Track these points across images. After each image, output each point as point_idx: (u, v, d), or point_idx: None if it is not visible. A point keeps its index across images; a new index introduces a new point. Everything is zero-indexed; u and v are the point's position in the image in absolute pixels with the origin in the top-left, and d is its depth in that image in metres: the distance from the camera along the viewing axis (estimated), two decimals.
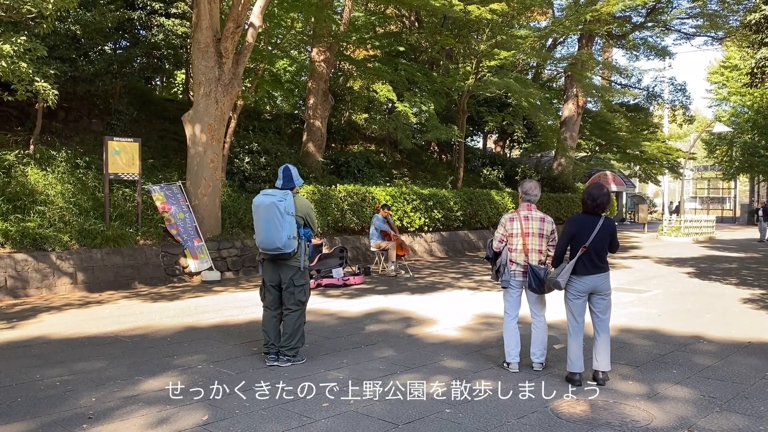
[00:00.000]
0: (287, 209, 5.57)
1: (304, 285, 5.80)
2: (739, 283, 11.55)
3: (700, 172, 48.87)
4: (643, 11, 26.23)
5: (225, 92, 12.25)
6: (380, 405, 4.66)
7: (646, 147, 30.42)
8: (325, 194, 14.41)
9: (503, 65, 20.32)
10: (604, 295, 5.23)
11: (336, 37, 17.66)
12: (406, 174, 21.63)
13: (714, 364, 5.86)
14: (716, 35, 27.51)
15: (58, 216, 10.79)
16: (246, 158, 15.12)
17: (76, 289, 10.11)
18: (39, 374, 5.44)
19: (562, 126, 26.73)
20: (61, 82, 11.83)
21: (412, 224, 16.44)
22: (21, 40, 8.90)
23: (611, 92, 28.87)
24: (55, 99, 9.96)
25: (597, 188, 5.22)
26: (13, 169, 11.35)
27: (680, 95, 32.51)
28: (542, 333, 5.59)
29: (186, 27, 15.08)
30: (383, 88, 20.08)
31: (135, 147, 11.67)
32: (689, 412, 4.54)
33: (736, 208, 45.50)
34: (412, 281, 11.82)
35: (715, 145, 38.02)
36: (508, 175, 25.27)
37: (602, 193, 5.20)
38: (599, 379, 5.18)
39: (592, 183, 5.36)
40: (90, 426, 4.22)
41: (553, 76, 32.37)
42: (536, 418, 4.42)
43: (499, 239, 5.62)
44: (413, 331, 7.36)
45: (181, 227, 11.86)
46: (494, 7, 16.91)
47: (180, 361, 5.89)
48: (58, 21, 11.75)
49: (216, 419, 4.35)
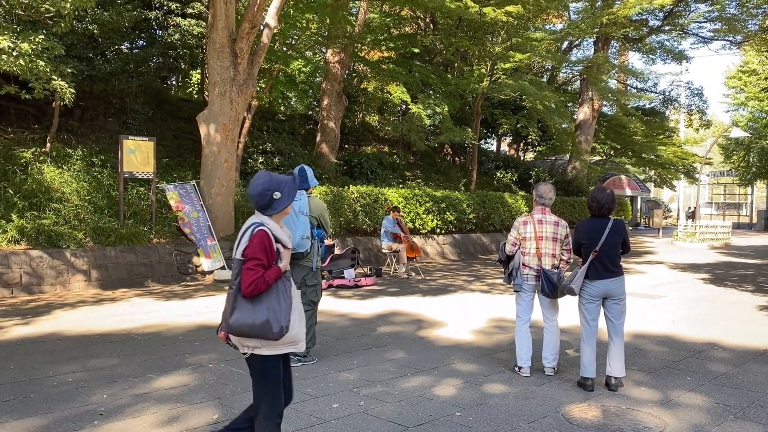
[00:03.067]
0: (301, 209, 5.58)
1: (316, 285, 5.80)
2: (756, 290, 11.40)
3: (717, 177, 48.38)
4: (660, 15, 26.00)
5: (240, 92, 12.29)
6: (390, 407, 4.64)
7: (662, 151, 30.15)
8: (338, 195, 14.43)
9: (518, 68, 20.25)
10: (618, 300, 5.19)
11: (351, 38, 17.69)
12: (419, 176, 21.60)
13: (729, 371, 5.79)
14: (734, 39, 27.21)
15: (73, 214, 10.88)
16: (260, 158, 15.18)
17: (90, 287, 10.19)
18: (52, 370, 5.48)
19: (576, 129, 26.57)
20: (78, 80, 11.94)
21: (425, 226, 16.41)
22: (39, 38, 8.99)
23: (627, 96, 28.66)
24: (71, 97, 10.05)
25: (600, 191, 5.19)
26: (30, 167, 11.48)
27: (697, 99, 32.22)
28: (554, 337, 5.54)
29: (202, 27, 15.17)
30: (397, 89, 20.08)
31: (150, 146, 11.75)
32: (703, 419, 4.48)
33: (753, 214, 44.95)
34: (424, 283, 11.79)
35: (732, 150, 37.60)
36: (521, 178, 25.17)
37: (606, 195, 5.17)
38: (612, 385, 5.13)
39: (596, 187, 5.32)
40: (101, 423, 4.25)
41: (569, 79, 32.21)
42: (547, 423, 4.38)
43: (512, 242, 5.58)
44: (424, 333, 7.34)
45: (194, 226, 11.91)
46: (510, 9, 16.86)
47: (192, 360, 5.91)
48: (76, 20, 11.87)
49: (226, 418, 4.35)
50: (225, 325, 3.12)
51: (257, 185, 3.20)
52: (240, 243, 3.16)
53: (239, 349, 3.21)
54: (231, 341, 3.21)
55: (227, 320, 3.11)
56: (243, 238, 3.15)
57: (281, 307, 3.13)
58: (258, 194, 3.19)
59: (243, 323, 3.07)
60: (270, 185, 3.20)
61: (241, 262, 3.10)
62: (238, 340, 3.15)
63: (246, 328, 3.07)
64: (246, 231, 3.17)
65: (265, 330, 3.06)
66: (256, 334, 3.07)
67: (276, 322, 3.07)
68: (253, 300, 3.08)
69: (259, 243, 3.10)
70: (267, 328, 3.06)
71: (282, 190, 3.21)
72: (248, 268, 3.06)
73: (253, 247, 3.10)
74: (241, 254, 3.12)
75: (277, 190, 3.20)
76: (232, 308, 3.10)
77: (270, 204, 3.20)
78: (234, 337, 3.15)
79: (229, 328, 3.10)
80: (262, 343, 3.12)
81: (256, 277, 3.05)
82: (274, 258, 3.16)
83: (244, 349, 3.17)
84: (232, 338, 3.18)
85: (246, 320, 3.06)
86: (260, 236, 3.12)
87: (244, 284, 3.05)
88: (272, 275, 3.11)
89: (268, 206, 3.21)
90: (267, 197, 3.18)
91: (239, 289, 3.08)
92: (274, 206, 3.21)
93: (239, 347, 3.19)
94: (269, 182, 3.20)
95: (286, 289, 3.21)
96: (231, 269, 3.43)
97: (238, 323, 3.07)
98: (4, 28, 8.70)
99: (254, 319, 3.06)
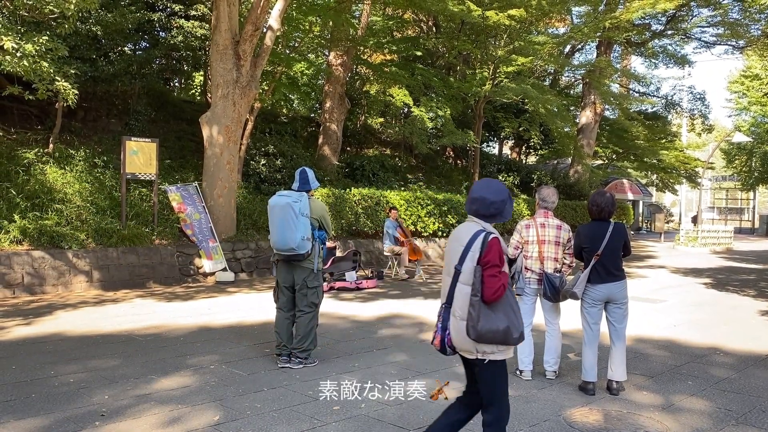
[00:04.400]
0: (302, 210, 5.58)
1: (317, 287, 5.80)
2: (758, 295, 11.38)
3: (719, 182, 48.32)
4: (662, 19, 26.03)
5: (242, 94, 12.31)
6: (392, 409, 4.64)
7: (664, 156, 30.13)
8: (340, 197, 14.43)
9: (520, 71, 20.24)
10: (620, 304, 5.18)
11: (353, 41, 17.71)
12: (421, 179, 21.60)
13: (731, 376, 5.78)
14: (737, 44, 27.22)
15: (76, 214, 10.90)
16: (262, 160, 15.20)
17: (92, 287, 10.20)
18: (53, 371, 5.49)
19: (579, 133, 26.56)
20: (81, 81, 11.97)
21: (426, 229, 16.40)
22: (43, 39, 9.01)
23: (629, 100, 28.64)
24: (75, 98, 10.07)
25: (600, 195, 5.20)
26: (33, 168, 11.50)
27: (699, 104, 32.20)
28: (556, 341, 5.54)
29: (205, 29, 15.20)
30: (399, 92, 20.09)
31: (152, 147, 11.76)
32: (704, 424, 4.48)
33: (755, 219, 44.89)
34: (425, 286, 11.79)
35: (734, 155, 37.57)
36: (523, 182, 25.15)
37: (606, 199, 5.17)
38: (613, 389, 5.12)
39: (596, 191, 5.32)
40: (103, 423, 4.25)
41: (571, 83, 32.21)
42: (549, 426, 4.38)
43: (514, 246, 5.58)
44: (426, 336, 7.33)
45: (196, 228, 11.92)
46: (512, 13, 16.87)
47: (193, 361, 5.92)
48: (80, 21, 11.90)
49: (227, 420, 4.36)
50: (472, 330, 3.13)
51: (501, 191, 3.30)
52: (468, 251, 3.21)
53: (469, 356, 3.25)
54: (450, 349, 3.28)
55: (474, 327, 3.13)
56: (471, 246, 3.21)
57: (515, 314, 3.23)
58: (501, 201, 3.28)
59: (489, 329, 3.13)
60: (509, 195, 3.33)
61: (481, 269, 3.16)
62: (473, 345, 3.19)
63: (491, 334, 3.14)
64: (474, 239, 3.22)
65: (507, 336, 3.16)
66: (498, 339, 3.16)
67: (515, 328, 3.19)
68: (492, 307, 3.17)
69: (498, 251, 3.20)
70: (508, 334, 3.16)
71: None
72: (491, 276, 3.15)
73: (493, 254, 3.17)
74: (477, 262, 3.18)
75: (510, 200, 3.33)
76: (477, 315, 3.14)
77: (501, 212, 3.30)
78: (466, 344, 3.21)
79: (477, 334, 3.13)
80: (499, 348, 3.21)
81: (501, 284, 3.15)
82: (503, 264, 3.25)
83: (480, 355, 3.22)
84: (457, 346, 3.26)
85: (491, 327, 3.13)
86: (497, 244, 3.21)
87: (490, 291, 3.13)
88: (506, 281, 3.22)
89: (498, 214, 3.30)
90: (505, 205, 3.29)
91: (482, 296, 3.15)
92: (504, 214, 3.32)
93: (472, 353, 3.23)
94: (508, 191, 3.34)
95: (513, 295, 3.34)
96: (232, 271, 3.42)
97: (485, 329, 3.13)
98: (9, 29, 8.71)
99: (498, 326, 3.15)
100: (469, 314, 3.15)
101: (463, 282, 3.21)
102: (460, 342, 3.23)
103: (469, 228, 3.29)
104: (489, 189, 3.29)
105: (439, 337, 3.29)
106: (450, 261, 3.31)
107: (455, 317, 3.24)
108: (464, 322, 3.17)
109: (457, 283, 3.23)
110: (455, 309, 3.24)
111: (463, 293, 3.20)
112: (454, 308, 3.25)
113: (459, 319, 3.21)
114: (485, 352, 3.20)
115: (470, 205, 3.34)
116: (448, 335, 3.27)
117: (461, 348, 3.25)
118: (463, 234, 3.28)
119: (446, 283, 3.32)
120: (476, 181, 3.61)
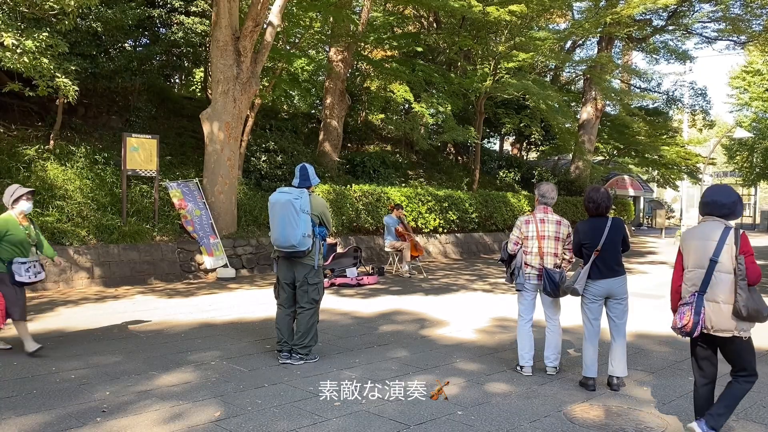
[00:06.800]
0: (303, 207, 5.58)
1: (317, 283, 5.81)
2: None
3: (720, 177, 48.22)
4: (664, 14, 25.94)
5: (243, 91, 12.30)
6: (392, 405, 4.64)
7: (665, 151, 30.06)
8: (341, 194, 14.42)
9: (521, 67, 20.20)
10: (620, 300, 5.18)
11: (354, 37, 17.68)
12: (422, 175, 21.59)
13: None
14: (738, 39, 27.12)
15: (77, 211, 10.90)
16: (262, 157, 15.19)
17: (93, 284, 10.21)
18: (55, 367, 5.50)
19: (580, 129, 26.51)
20: (82, 78, 11.95)
21: (427, 225, 16.40)
22: (43, 36, 9.00)
23: (630, 96, 28.56)
24: (75, 95, 10.06)
25: (594, 191, 5.20)
26: (33, 164, 11.49)
27: (700, 100, 32.07)
28: (556, 337, 5.54)
29: (205, 25, 15.17)
30: (400, 88, 20.06)
31: (153, 144, 11.76)
32: None
33: (756, 215, 44.86)
34: (426, 282, 11.79)
35: (736, 151, 37.49)
36: (524, 178, 25.13)
37: (601, 194, 5.17)
38: (613, 385, 5.13)
39: (590, 187, 5.32)
40: (104, 419, 4.26)
41: (572, 79, 32.12)
42: (549, 422, 4.38)
43: (514, 242, 5.58)
44: (426, 332, 7.34)
45: (197, 224, 11.93)
46: (513, 8, 16.82)
47: (194, 357, 5.93)
48: (80, 18, 11.87)
49: (228, 416, 4.37)
50: (743, 309, 3.66)
51: (731, 194, 3.90)
52: (723, 244, 3.78)
53: (726, 334, 3.77)
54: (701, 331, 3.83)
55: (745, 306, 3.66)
56: (726, 240, 3.78)
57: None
58: (732, 203, 3.87)
59: (755, 308, 3.69)
60: (739, 197, 3.93)
61: (743, 258, 3.73)
62: (736, 324, 3.74)
63: (756, 312, 3.69)
64: (726, 234, 3.79)
65: (764, 314, 3.72)
66: (761, 318, 3.72)
67: (766, 309, 3.73)
68: (752, 290, 3.74)
69: (749, 242, 3.82)
70: (763, 313, 3.72)
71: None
72: (752, 262, 3.76)
73: (748, 245, 3.79)
74: (739, 252, 3.75)
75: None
76: (747, 296, 3.69)
77: (733, 212, 3.88)
78: (728, 324, 3.75)
79: (748, 312, 3.66)
80: (750, 326, 3.80)
81: (760, 269, 3.77)
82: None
83: (738, 332, 3.76)
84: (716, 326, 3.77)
85: (758, 306, 3.69)
86: (746, 237, 3.83)
87: (755, 274, 3.75)
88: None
89: (731, 214, 3.88)
90: (736, 206, 3.86)
91: (747, 279, 3.73)
92: (736, 213, 3.90)
93: (730, 332, 3.76)
94: (737, 194, 3.95)
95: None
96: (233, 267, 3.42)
97: (754, 309, 3.69)
98: (9, 25, 8.70)
99: (763, 305, 3.72)
100: (738, 296, 3.70)
101: (722, 271, 3.77)
102: (720, 323, 3.76)
103: (714, 226, 3.86)
104: (721, 193, 3.90)
105: (692, 321, 3.81)
106: (701, 255, 3.85)
107: (717, 302, 3.77)
108: (729, 305, 3.73)
109: (714, 272, 3.79)
110: (716, 294, 3.78)
111: (723, 281, 3.77)
112: (713, 294, 3.79)
113: (723, 303, 3.76)
114: (743, 329, 3.76)
115: (704, 208, 3.94)
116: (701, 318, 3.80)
117: (720, 328, 3.77)
118: (711, 231, 3.85)
119: (696, 276, 3.88)
120: (708, 187, 4.23)
